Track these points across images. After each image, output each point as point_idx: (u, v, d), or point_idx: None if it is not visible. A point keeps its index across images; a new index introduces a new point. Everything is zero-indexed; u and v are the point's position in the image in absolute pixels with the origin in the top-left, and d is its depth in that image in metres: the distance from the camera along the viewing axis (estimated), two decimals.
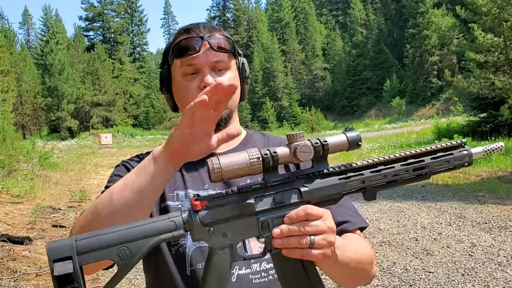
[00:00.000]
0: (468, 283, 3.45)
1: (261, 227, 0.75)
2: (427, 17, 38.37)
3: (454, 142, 0.83)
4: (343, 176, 0.78)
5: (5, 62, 20.63)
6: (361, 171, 0.79)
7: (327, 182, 0.77)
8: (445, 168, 0.82)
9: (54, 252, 0.66)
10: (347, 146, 0.77)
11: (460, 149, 0.83)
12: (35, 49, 56.28)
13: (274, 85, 51.19)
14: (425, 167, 0.81)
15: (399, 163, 0.80)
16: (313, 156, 0.76)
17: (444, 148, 0.82)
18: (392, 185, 0.80)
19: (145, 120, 45.02)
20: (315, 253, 0.73)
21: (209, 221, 0.73)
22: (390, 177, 0.79)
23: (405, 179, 0.80)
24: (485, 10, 11.30)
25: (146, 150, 1.15)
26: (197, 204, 0.73)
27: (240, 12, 64.07)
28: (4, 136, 9.93)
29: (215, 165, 0.71)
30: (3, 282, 3.60)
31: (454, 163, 0.82)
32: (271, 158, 0.74)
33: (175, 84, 1.03)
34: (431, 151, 0.82)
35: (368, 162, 0.80)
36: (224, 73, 1.01)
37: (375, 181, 0.79)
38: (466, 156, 0.82)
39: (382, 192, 7.77)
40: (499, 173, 8.51)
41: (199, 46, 0.98)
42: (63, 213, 6.65)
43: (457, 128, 14.78)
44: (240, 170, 0.73)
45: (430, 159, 0.81)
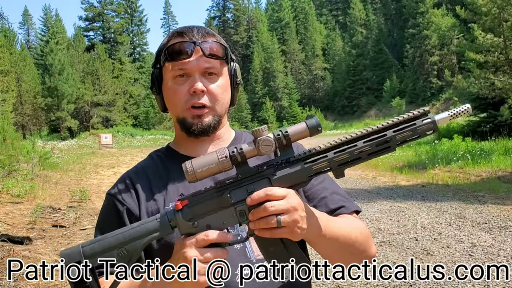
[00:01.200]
0: (468, 283, 3.45)
1: (239, 215, 0.83)
2: (427, 17, 38.37)
3: (417, 112, 0.85)
4: (309, 160, 0.84)
5: (5, 62, 20.61)
6: (325, 153, 0.84)
7: (294, 168, 0.84)
8: (409, 138, 0.84)
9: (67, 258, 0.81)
10: (308, 132, 0.83)
11: (423, 118, 0.84)
12: (35, 49, 56.27)
13: (274, 85, 51.19)
14: (388, 141, 0.83)
15: (362, 140, 0.84)
16: (274, 147, 0.83)
17: (406, 119, 0.84)
18: (357, 161, 0.84)
19: (145, 120, 45.01)
20: (282, 231, 0.80)
21: (191, 216, 0.83)
22: (354, 155, 0.83)
23: (370, 153, 0.84)
24: (485, 10, 11.30)
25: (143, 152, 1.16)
26: (178, 204, 0.83)
27: (240, 12, 64.07)
28: (4, 136, 9.92)
29: (188, 168, 0.82)
30: (3, 282, 3.60)
31: (417, 132, 0.84)
32: (238, 155, 0.82)
33: (166, 86, 1.03)
34: (394, 124, 0.84)
35: (332, 144, 0.84)
36: (215, 79, 1.01)
37: (339, 161, 0.84)
38: (429, 123, 0.84)
39: (382, 192, 7.74)
40: (499, 173, 8.51)
41: (191, 51, 0.98)
42: (63, 213, 6.65)
43: (457, 128, 14.78)
44: (211, 169, 0.82)
45: (393, 132, 0.83)
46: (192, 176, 0.82)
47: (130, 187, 1.04)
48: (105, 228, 0.99)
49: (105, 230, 0.98)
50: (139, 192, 1.03)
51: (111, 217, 1.02)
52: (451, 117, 0.85)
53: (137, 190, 1.03)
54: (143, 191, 1.03)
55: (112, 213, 1.02)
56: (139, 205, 1.01)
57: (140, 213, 1.00)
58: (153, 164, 1.08)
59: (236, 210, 0.83)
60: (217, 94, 1.01)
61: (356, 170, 11.83)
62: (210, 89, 1.00)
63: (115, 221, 1.00)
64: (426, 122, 0.84)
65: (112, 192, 1.05)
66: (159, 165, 1.08)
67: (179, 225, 0.83)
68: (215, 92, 1.01)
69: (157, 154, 1.12)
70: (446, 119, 0.85)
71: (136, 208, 1.01)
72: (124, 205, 1.01)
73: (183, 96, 0.99)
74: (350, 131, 35.00)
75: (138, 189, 1.03)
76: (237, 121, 46.13)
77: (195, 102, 0.99)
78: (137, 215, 1.00)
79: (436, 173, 9.33)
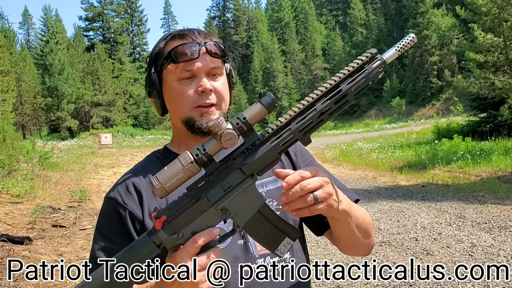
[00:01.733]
0: (468, 283, 3.45)
1: (222, 213, 0.83)
2: (427, 17, 38.34)
3: (365, 57, 0.84)
4: (274, 138, 0.83)
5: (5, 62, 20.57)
6: (288, 126, 0.83)
7: (262, 150, 0.83)
8: (365, 85, 0.83)
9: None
10: (266, 110, 0.82)
11: (373, 62, 0.84)
12: (35, 49, 56.26)
13: (274, 85, 51.18)
14: (345, 95, 0.83)
15: (320, 102, 0.83)
16: (237, 137, 0.81)
17: (357, 68, 0.83)
18: (321, 124, 0.84)
19: (145, 120, 45.01)
20: (321, 207, 0.82)
21: (174, 230, 0.82)
22: (316, 118, 0.83)
23: (331, 112, 0.83)
24: (485, 10, 11.29)
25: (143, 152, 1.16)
26: (157, 225, 0.81)
27: (240, 12, 64.09)
28: (4, 136, 9.92)
29: (155, 184, 0.79)
30: (3, 282, 3.60)
31: (371, 77, 0.83)
32: (203, 155, 0.80)
33: (168, 88, 1.03)
34: (346, 76, 0.83)
35: (291, 115, 0.83)
36: (218, 78, 1.03)
37: (304, 128, 0.83)
38: (380, 65, 0.83)
39: (382, 192, 7.73)
40: (499, 173, 8.51)
41: (198, 52, 0.99)
42: (63, 213, 6.65)
43: (457, 128, 14.77)
44: (180, 179, 0.80)
45: (347, 84, 0.83)
46: (161, 191, 0.79)
47: (131, 189, 1.01)
48: (107, 234, 0.99)
49: (107, 236, 0.99)
50: (141, 193, 1.01)
51: (113, 222, 1.00)
52: (399, 51, 0.85)
53: (138, 191, 1.01)
54: (145, 193, 1.01)
55: (114, 218, 1.00)
56: (142, 208, 1.00)
57: (144, 216, 0.99)
58: (152, 165, 1.07)
59: (217, 209, 0.82)
60: (223, 92, 1.03)
61: (356, 170, 11.83)
62: (216, 88, 1.02)
63: (118, 226, 0.99)
64: (376, 65, 0.83)
65: (112, 196, 1.02)
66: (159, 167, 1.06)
67: (164, 242, 0.82)
68: (220, 90, 1.03)
69: (155, 156, 1.11)
70: (395, 55, 0.85)
71: (139, 211, 0.99)
72: (126, 208, 0.99)
73: (191, 97, 1.00)
74: (350, 131, 35.02)
75: (139, 191, 1.01)
76: None
77: (203, 102, 1.00)
78: (140, 218, 0.99)
79: (436, 173, 9.33)
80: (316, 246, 4.80)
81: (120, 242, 0.94)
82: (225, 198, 0.83)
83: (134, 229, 0.98)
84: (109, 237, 0.98)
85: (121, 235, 0.98)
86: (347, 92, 0.82)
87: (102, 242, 0.98)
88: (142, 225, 0.99)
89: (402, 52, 0.86)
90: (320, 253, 4.55)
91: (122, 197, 1.01)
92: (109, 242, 0.97)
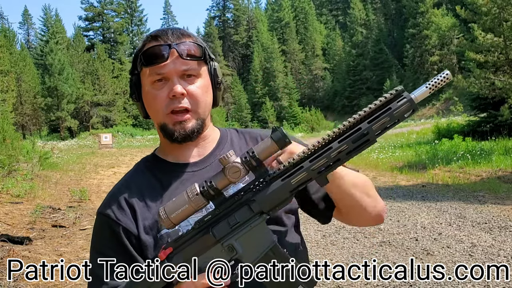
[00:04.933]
0: (468, 283, 3.45)
1: (228, 250, 0.80)
2: (427, 17, 38.35)
3: (389, 94, 0.77)
4: (285, 176, 0.79)
5: (5, 62, 20.58)
6: (300, 164, 0.79)
7: (272, 187, 0.79)
8: (389, 125, 0.78)
9: None
10: (276, 146, 0.78)
11: (399, 99, 0.77)
12: (35, 49, 56.26)
13: (274, 85, 51.15)
14: (365, 134, 0.77)
15: (336, 140, 0.78)
16: (245, 172, 0.78)
17: (380, 105, 0.77)
18: (338, 163, 0.79)
19: (145, 120, 44.82)
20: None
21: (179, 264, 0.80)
22: (332, 158, 0.78)
23: (348, 152, 0.78)
24: (485, 10, 11.28)
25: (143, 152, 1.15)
26: (161, 256, 0.81)
27: (240, 12, 64.06)
28: (4, 136, 9.91)
29: (162, 216, 0.79)
30: (3, 282, 3.60)
31: (396, 116, 0.77)
32: (209, 189, 0.78)
33: (144, 91, 1.00)
34: (367, 114, 0.77)
35: (305, 152, 0.79)
36: (194, 80, 0.98)
37: (317, 168, 0.78)
38: (405, 103, 0.77)
39: (382, 192, 7.76)
40: (499, 173, 8.50)
41: (167, 54, 0.95)
42: (63, 213, 6.65)
43: (457, 128, 14.77)
44: (186, 211, 0.78)
45: (367, 123, 0.77)
46: (168, 222, 0.79)
47: (123, 204, 0.98)
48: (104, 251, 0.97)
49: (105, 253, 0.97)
50: (135, 208, 0.98)
51: (108, 239, 0.98)
52: (430, 90, 0.77)
53: (131, 206, 0.98)
54: (138, 207, 0.98)
55: (108, 235, 0.98)
56: (136, 223, 0.97)
57: (139, 231, 0.97)
58: (143, 176, 1.04)
59: (223, 246, 0.80)
60: (198, 96, 0.98)
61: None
62: (190, 91, 0.97)
63: (113, 243, 0.97)
64: (402, 102, 0.77)
65: (105, 212, 0.99)
66: (150, 177, 1.03)
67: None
68: (195, 94, 0.97)
69: (145, 164, 1.07)
70: (425, 93, 0.77)
71: (133, 226, 0.97)
72: (120, 225, 0.97)
73: (163, 101, 0.96)
74: None
75: (132, 205, 0.98)
76: (237, 121, 46.10)
77: (175, 106, 0.96)
78: (135, 233, 0.97)
79: (436, 173, 9.33)
80: (316, 246, 4.80)
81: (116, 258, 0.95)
82: (231, 235, 0.80)
83: (130, 244, 0.96)
84: (106, 254, 0.97)
85: (117, 251, 0.96)
86: (368, 131, 0.77)
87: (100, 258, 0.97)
88: (138, 240, 0.97)
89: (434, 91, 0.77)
90: (320, 253, 4.55)
91: (114, 213, 0.98)
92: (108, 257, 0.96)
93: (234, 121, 45.38)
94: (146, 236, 0.96)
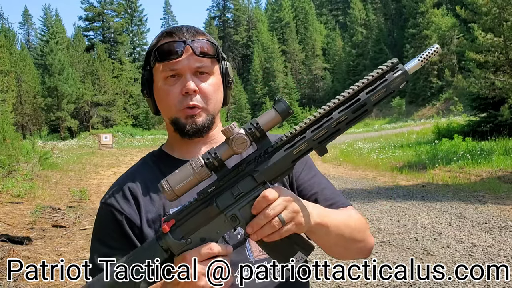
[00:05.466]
0: (468, 283, 3.45)
1: (231, 220, 0.81)
2: (427, 17, 38.34)
3: (386, 66, 0.81)
4: (288, 146, 0.81)
5: (5, 62, 20.60)
6: (303, 134, 0.81)
7: (275, 158, 0.81)
8: (384, 95, 0.81)
9: None
10: (280, 117, 0.79)
11: (394, 71, 0.81)
12: (35, 49, 56.29)
13: (274, 85, 51.17)
14: (363, 104, 0.80)
15: (337, 110, 0.80)
16: (249, 143, 0.79)
17: (377, 77, 0.80)
18: (337, 133, 0.81)
19: (145, 120, 44.98)
20: (289, 227, 0.79)
21: (182, 235, 0.81)
22: (332, 128, 0.80)
23: (348, 122, 0.80)
24: (485, 10, 11.28)
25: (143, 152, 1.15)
26: (165, 227, 0.80)
27: (240, 12, 64.09)
28: (4, 136, 9.92)
29: (165, 187, 0.78)
30: (3, 282, 3.60)
31: (391, 87, 0.81)
32: (214, 160, 0.79)
33: (157, 87, 1.01)
34: (366, 85, 0.80)
35: (307, 122, 0.81)
36: (207, 78, 0.99)
37: (318, 138, 0.80)
38: (401, 75, 0.81)
39: (382, 192, 7.70)
40: (499, 173, 8.50)
41: (181, 51, 0.96)
42: (63, 213, 6.65)
43: (457, 128, 14.77)
44: (190, 182, 0.79)
45: (366, 94, 0.80)
46: (171, 194, 0.78)
47: (128, 195, 0.99)
48: (106, 241, 0.97)
49: (106, 243, 0.96)
50: (138, 199, 0.98)
51: (111, 228, 0.97)
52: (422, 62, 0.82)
53: (135, 197, 0.99)
54: (142, 199, 0.98)
55: (111, 223, 0.97)
56: (139, 213, 0.97)
57: (141, 222, 0.97)
58: (148, 170, 1.04)
59: (226, 216, 0.81)
60: (209, 93, 0.99)
61: (356, 170, 11.83)
62: (202, 88, 0.98)
63: (116, 232, 0.96)
64: (398, 74, 0.81)
65: (109, 202, 0.99)
66: (155, 171, 1.04)
67: (172, 247, 0.81)
68: (207, 91, 0.99)
69: (151, 159, 1.08)
70: (417, 65, 0.82)
71: (136, 216, 0.97)
72: (123, 214, 0.97)
73: (176, 97, 0.97)
74: (350, 131, 34.99)
75: (136, 197, 0.99)
76: (237, 121, 46.13)
77: (188, 103, 0.97)
78: (138, 224, 0.97)
79: (436, 173, 9.33)
80: (316, 246, 4.80)
81: (119, 248, 0.93)
82: (235, 205, 0.81)
83: (133, 234, 0.96)
84: (108, 244, 0.96)
85: (120, 240, 0.95)
86: (366, 101, 0.80)
87: (102, 249, 0.96)
88: (140, 231, 0.96)
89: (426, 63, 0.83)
90: (320, 253, 4.55)
91: (118, 202, 0.98)
92: (109, 249, 0.95)
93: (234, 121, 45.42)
94: (148, 229, 0.96)
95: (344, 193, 7.83)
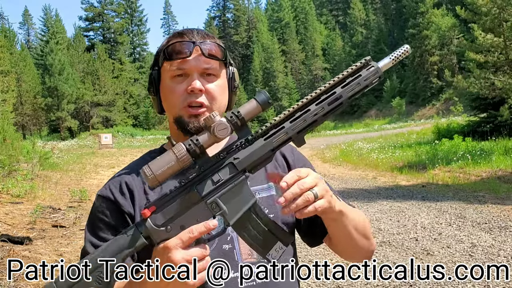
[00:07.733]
0: (468, 283, 3.45)
1: (211, 208, 0.82)
2: (427, 17, 38.35)
3: (360, 63, 0.86)
4: (268, 135, 0.84)
5: (5, 62, 20.61)
6: (281, 125, 0.85)
7: (255, 146, 0.83)
8: (358, 90, 0.86)
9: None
10: (260, 107, 0.83)
11: (368, 67, 0.86)
12: (35, 49, 56.27)
13: (274, 85, 51.17)
14: (338, 98, 0.85)
15: (313, 103, 0.85)
16: (230, 130, 0.82)
17: (351, 72, 0.86)
18: (314, 124, 0.85)
19: (145, 120, 45.02)
20: (322, 202, 0.82)
21: (162, 222, 0.81)
22: (310, 119, 0.85)
23: (324, 114, 0.85)
24: (485, 10, 11.27)
25: (143, 152, 1.15)
26: (145, 213, 0.80)
27: (240, 12, 64.06)
28: (4, 136, 9.92)
29: (147, 172, 0.79)
30: (3, 282, 3.60)
31: (365, 83, 0.86)
32: (195, 147, 0.81)
33: (163, 85, 1.02)
34: (341, 80, 0.86)
35: (286, 114, 0.85)
36: (213, 79, 1.01)
37: (297, 128, 0.84)
38: (374, 71, 0.86)
39: (382, 192, 7.71)
40: (499, 173, 8.50)
41: (190, 51, 0.98)
42: (63, 213, 6.65)
43: (457, 128, 14.78)
44: (172, 168, 0.79)
45: (341, 88, 0.85)
46: (153, 180, 0.79)
47: (124, 187, 1.00)
48: (98, 231, 0.98)
49: (98, 233, 0.97)
50: (134, 193, 0.99)
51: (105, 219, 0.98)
52: (393, 61, 0.88)
53: (131, 190, 1.00)
54: (137, 193, 0.99)
55: (106, 214, 0.98)
56: (134, 207, 0.98)
57: (135, 215, 0.97)
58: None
59: (207, 204, 0.82)
60: (215, 94, 1.00)
61: (356, 170, 11.83)
62: (208, 89, 0.99)
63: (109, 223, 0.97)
64: (371, 70, 0.86)
65: (104, 194, 1.01)
66: None
67: (152, 234, 0.80)
68: (213, 92, 1.00)
69: (150, 156, 1.08)
70: (389, 63, 0.88)
71: (131, 209, 0.98)
72: (119, 206, 0.98)
73: (181, 95, 0.98)
74: (350, 131, 35.01)
75: (132, 190, 1.00)
76: None
77: (192, 100, 0.98)
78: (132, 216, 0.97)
79: (436, 173, 9.33)
80: (317, 246, 4.80)
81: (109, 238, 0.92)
82: (215, 192, 0.82)
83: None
84: (100, 235, 0.97)
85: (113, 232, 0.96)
86: (341, 94, 0.85)
87: (94, 239, 0.97)
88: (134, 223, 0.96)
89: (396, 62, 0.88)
90: (320, 253, 4.55)
91: (114, 194, 0.99)
92: (100, 240, 0.96)
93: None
94: None
95: (344, 193, 7.83)
